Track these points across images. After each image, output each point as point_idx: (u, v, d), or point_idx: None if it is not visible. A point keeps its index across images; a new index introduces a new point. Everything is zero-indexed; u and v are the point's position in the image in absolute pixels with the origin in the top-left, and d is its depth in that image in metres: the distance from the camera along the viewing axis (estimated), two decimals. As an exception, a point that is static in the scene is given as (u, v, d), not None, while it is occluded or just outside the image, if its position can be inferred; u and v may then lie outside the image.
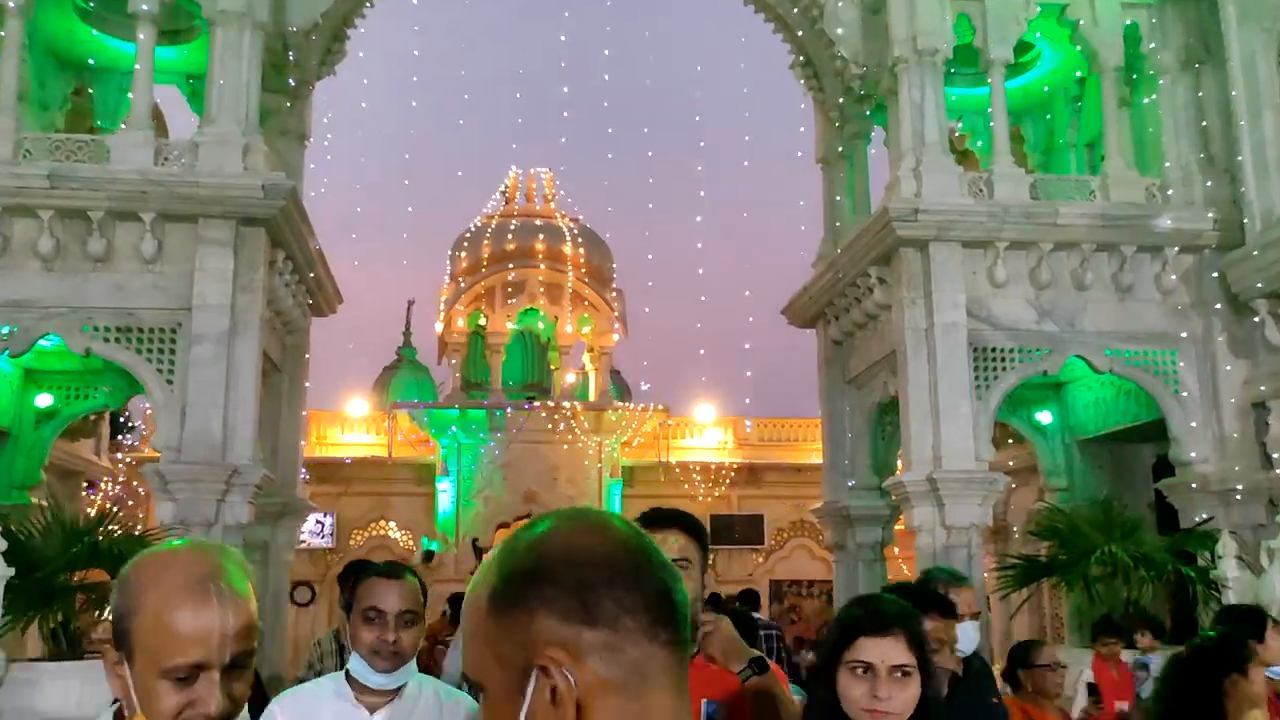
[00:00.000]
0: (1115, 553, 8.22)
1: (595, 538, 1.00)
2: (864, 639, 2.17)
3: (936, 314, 10.28)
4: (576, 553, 0.98)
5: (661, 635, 0.97)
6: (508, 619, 0.96)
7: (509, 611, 0.96)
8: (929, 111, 10.79)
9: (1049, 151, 13.55)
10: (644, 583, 0.98)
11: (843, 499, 12.73)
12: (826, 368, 13.29)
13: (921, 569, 10.28)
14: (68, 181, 9.38)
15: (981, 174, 11.02)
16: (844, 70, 12.43)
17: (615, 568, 0.97)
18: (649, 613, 0.96)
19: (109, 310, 9.57)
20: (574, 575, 0.96)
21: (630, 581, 0.97)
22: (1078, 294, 10.69)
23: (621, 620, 0.95)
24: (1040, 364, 10.59)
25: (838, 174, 13.54)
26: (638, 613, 0.96)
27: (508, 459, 21.62)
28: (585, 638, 0.94)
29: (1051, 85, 13.09)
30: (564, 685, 0.93)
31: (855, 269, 11.55)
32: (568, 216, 23.98)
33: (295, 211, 10.37)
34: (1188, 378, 10.65)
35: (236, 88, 10.02)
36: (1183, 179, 10.94)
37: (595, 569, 0.97)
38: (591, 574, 0.96)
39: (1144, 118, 11.80)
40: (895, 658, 2.14)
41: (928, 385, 10.22)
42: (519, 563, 0.98)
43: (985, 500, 10.08)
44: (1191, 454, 10.46)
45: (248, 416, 9.60)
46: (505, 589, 0.97)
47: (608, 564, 0.97)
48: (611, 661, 0.94)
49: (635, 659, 0.95)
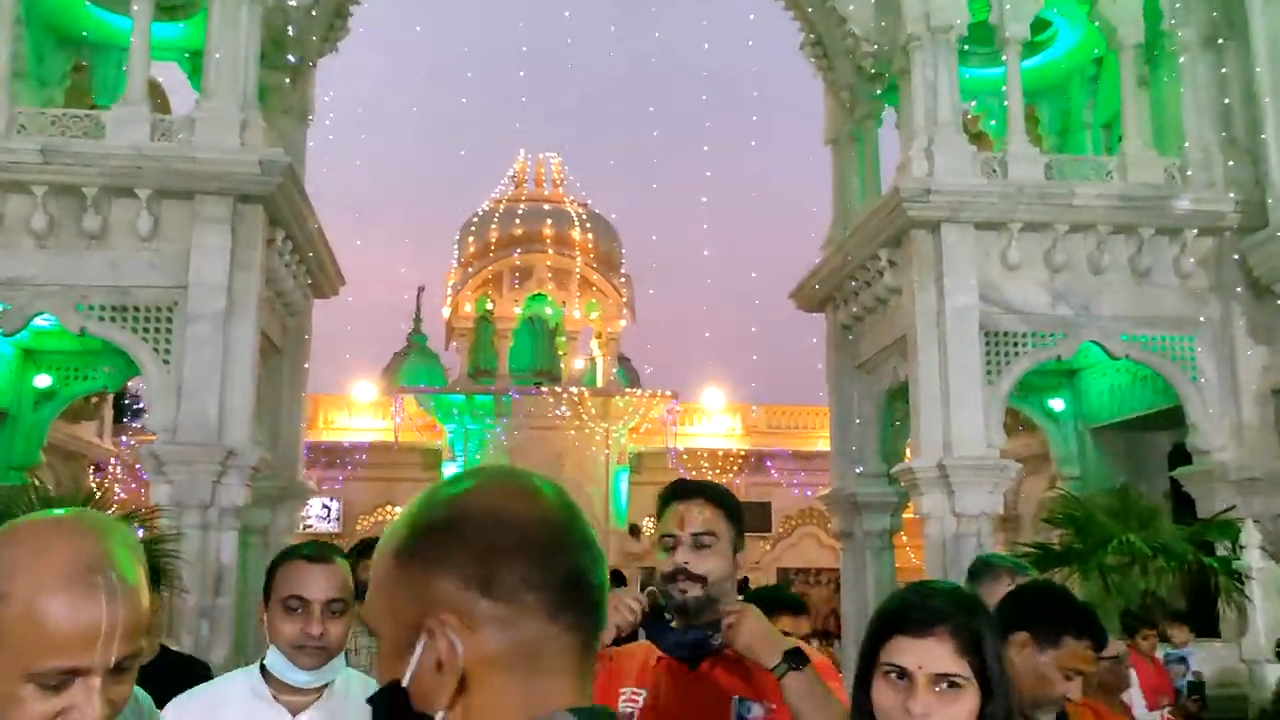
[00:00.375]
0: (1133, 542, 7.99)
1: (517, 503, 0.95)
2: (901, 637, 1.73)
3: (948, 297, 10.05)
4: (491, 516, 0.93)
5: (565, 617, 0.92)
6: (408, 573, 0.92)
7: (410, 565, 0.92)
8: (942, 90, 10.55)
9: (1065, 133, 13.27)
10: (556, 559, 0.92)
11: (851, 486, 12.54)
12: (835, 353, 13.07)
13: (930, 559, 10.12)
14: (61, 157, 9.21)
15: (995, 154, 10.77)
16: (855, 49, 12.17)
17: (528, 538, 0.92)
18: (554, 591, 0.91)
19: (104, 289, 9.41)
20: (482, 539, 0.91)
21: (540, 555, 0.92)
22: (1093, 277, 10.44)
23: (522, 595, 0.90)
24: (1054, 349, 10.35)
25: (848, 156, 13.30)
26: (541, 589, 0.91)
27: (514, 445, 21.49)
28: (481, 607, 0.90)
29: (1068, 65, 12.81)
30: (446, 653, 0.89)
31: (865, 251, 11.33)
32: (576, 201, 23.78)
33: (294, 189, 10.18)
34: (1206, 364, 10.40)
35: (234, 62, 9.83)
36: (1203, 159, 10.66)
37: (505, 536, 0.91)
38: (500, 541, 0.91)
39: (1163, 97, 11.50)
40: (938, 664, 1.68)
41: (938, 370, 10.01)
42: (431, 517, 0.94)
43: (996, 488, 9.88)
44: (1209, 442, 10.22)
45: (245, 398, 9.44)
46: (411, 541, 0.93)
47: (520, 533, 0.92)
48: (505, 636, 0.90)
49: (531, 638, 0.90)
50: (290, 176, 9.88)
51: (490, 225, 22.72)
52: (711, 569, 2.20)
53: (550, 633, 0.91)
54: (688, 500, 2.26)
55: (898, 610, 1.78)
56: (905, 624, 1.74)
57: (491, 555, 0.90)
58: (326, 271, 12.12)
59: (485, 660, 0.89)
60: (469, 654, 0.89)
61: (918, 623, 1.72)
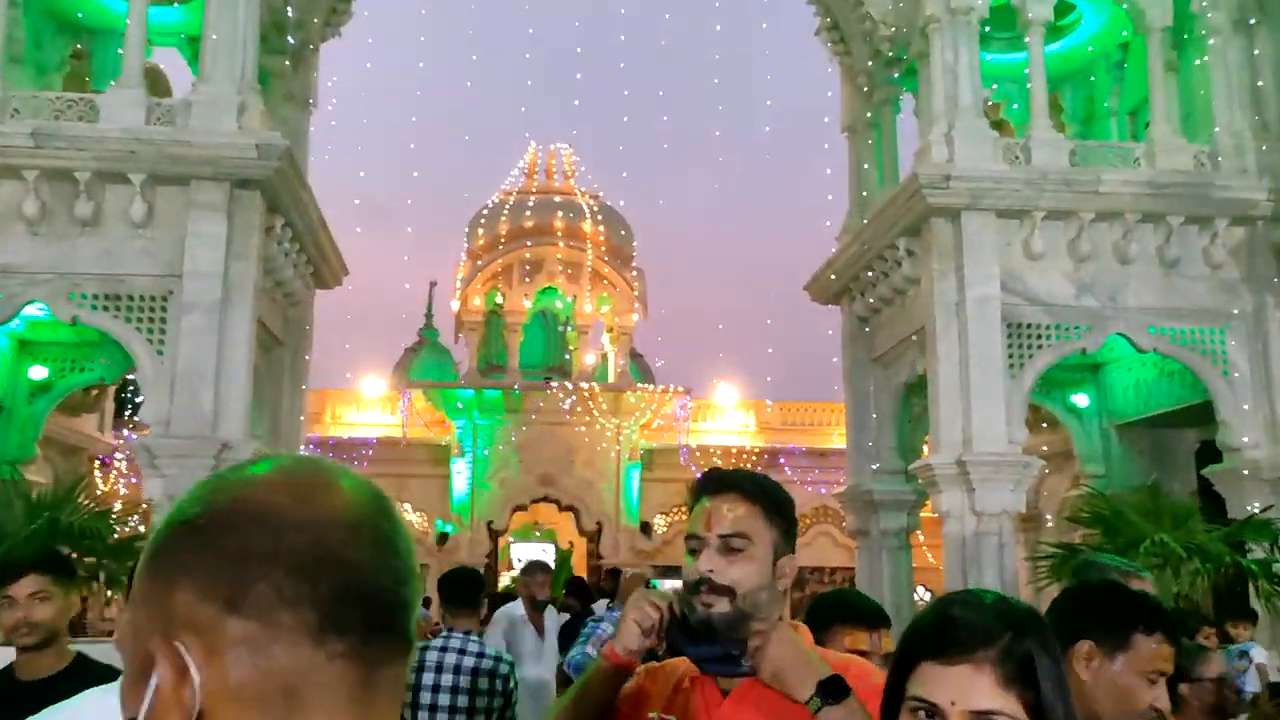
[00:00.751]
0: (1166, 542, 7.63)
1: (291, 497, 0.75)
2: (930, 664, 1.34)
3: (968, 288, 9.72)
4: (253, 513, 0.74)
5: (334, 644, 0.73)
6: (152, 582, 0.75)
7: (155, 573, 0.75)
8: (963, 74, 10.21)
9: (1089, 121, 12.90)
10: (326, 570, 0.72)
11: (867, 483, 12.22)
12: (851, 346, 12.73)
13: (949, 559, 9.77)
14: (53, 140, 8.95)
15: (1018, 139, 10.41)
16: (873, 32, 11.84)
17: (290, 541, 0.73)
18: (320, 610, 0.72)
19: (96, 277, 9.15)
20: (237, 541, 0.73)
21: (303, 564, 0.72)
22: (1120, 267, 10.07)
23: (276, 613, 0.72)
24: (1079, 342, 10.00)
25: (865, 143, 12.96)
26: (301, 607, 0.72)
27: (524, 441, 21.23)
28: (227, 626, 0.72)
29: (1093, 50, 12.43)
30: (172, 684, 0.71)
31: (882, 241, 10.99)
32: (587, 193, 23.48)
33: (294, 174, 9.90)
34: (1238, 357, 10.02)
35: (232, 44, 9.55)
36: (1234, 146, 10.28)
37: (263, 538, 0.73)
38: (258, 544, 0.72)
39: (1192, 82, 11.11)
40: (975, 698, 1.30)
41: (958, 363, 9.68)
42: (186, 512, 0.76)
43: (1018, 485, 9.55)
44: (1242, 439, 9.85)
45: (240, 390, 9.17)
46: (157, 542, 0.76)
47: (281, 534, 0.73)
48: (254, 664, 0.71)
49: (287, 668, 0.72)
50: (289, 161, 9.59)
51: (500, 217, 22.43)
52: (741, 579, 1.81)
53: (314, 661, 0.72)
54: (718, 495, 1.87)
55: (927, 628, 1.38)
56: (935, 647, 1.34)
57: (242, 560, 0.72)
58: (329, 261, 11.83)
59: (228, 694, 0.71)
60: (209, 685, 0.71)
61: (951, 645, 1.32)
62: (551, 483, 21.44)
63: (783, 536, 1.87)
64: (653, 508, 21.37)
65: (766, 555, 1.84)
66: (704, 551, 1.83)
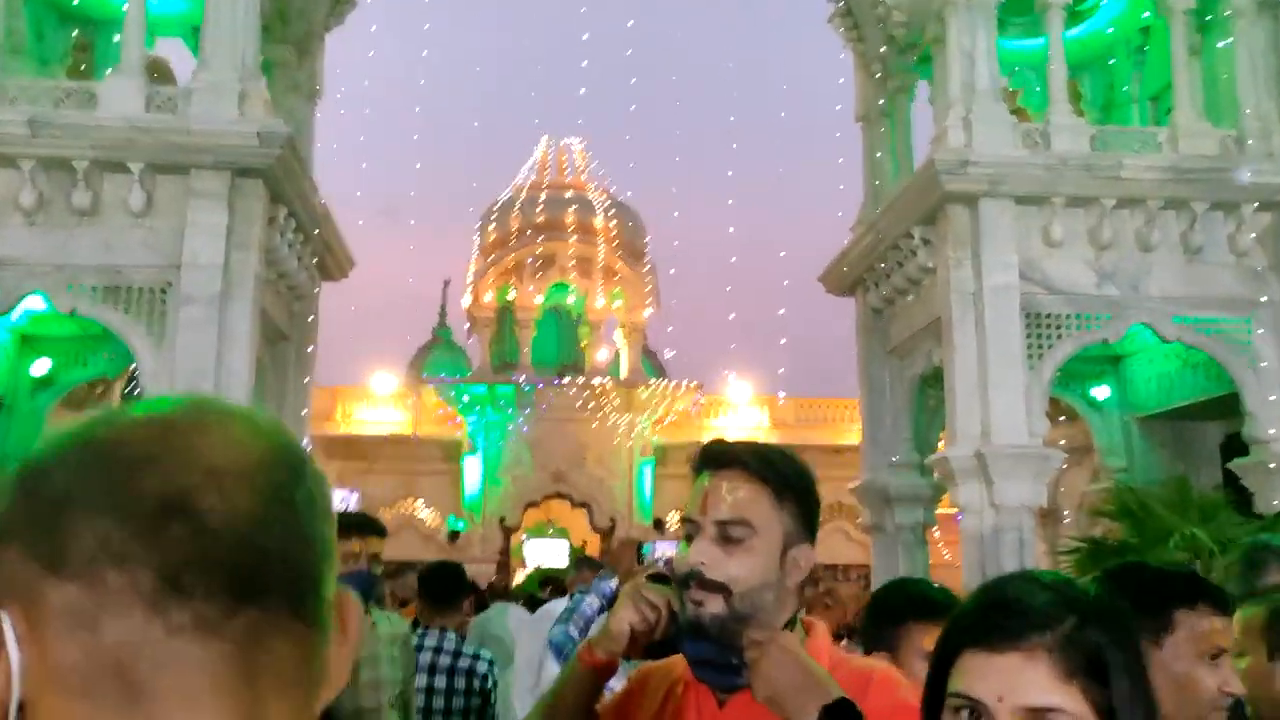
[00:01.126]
0: (1197, 536, 7.38)
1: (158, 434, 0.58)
2: (974, 653, 1.13)
3: (986, 276, 9.47)
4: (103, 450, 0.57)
5: (176, 613, 0.54)
6: None
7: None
8: (980, 58, 9.95)
9: (1109, 107, 12.61)
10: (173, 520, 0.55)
11: (882, 477, 11.98)
12: (865, 337, 12.48)
13: (967, 554, 9.53)
14: (49, 129, 8.79)
15: (1037, 124, 10.15)
16: (887, 17, 11.59)
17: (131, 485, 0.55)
18: (157, 569, 0.54)
19: (95, 268, 8.99)
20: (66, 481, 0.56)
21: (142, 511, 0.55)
22: (1142, 255, 9.80)
23: (101, 570, 0.54)
24: (1100, 332, 9.73)
25: (879, 131, 12.71)
26: (133, 563, 0.54)
27: (536, 437, 21.08)
28: (49, 592, 0.55)
29: (1113, 35, 12.15)
30: None
31: (898, 229, 10.75)
32: (599, 189, 23.31)
33: (297, 163, 9.73)
34: (1265, 347, 9.74)
35: (233, 30, 9.38)
36: (1261, 129, 9.99)
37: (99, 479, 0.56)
38: (90, 485, 0.56)
39: (1216, 66, 10.82)
40: (1027, 692, 1.08)
41: (976, 354, 9.43)
42: (37, 452, 0.61)
43: (1038, 478, 9.29)
44: (1269, 431, 9.56)
45: (241, 384, 9.00)
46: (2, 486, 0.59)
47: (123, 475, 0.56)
48: (75, 640, 0.54)
49: (120, 644, 0.54)
50: (292, 150, 9.42)
51: (511, 213, 22.29)
52: (739, 575, 1.51)
53: (148, 635, 0.55)
54: (717, 472, 1.56)
55: (972, 611, 1.16)
56: (979, 632, 1.13)
57: (66, 506, 0.56)
58: (334, 253, 11.66)
59: (54, 680, 0.55)
60: (30, 668, 0.55)
61: (997, 629, 1.11)
62: (564, 479, 21.28)
63: (796, 523, 1.56)
64: (666, 504, 21.16)
65: (772, 547, 1.53)
66: (697, 539, 1.54)
